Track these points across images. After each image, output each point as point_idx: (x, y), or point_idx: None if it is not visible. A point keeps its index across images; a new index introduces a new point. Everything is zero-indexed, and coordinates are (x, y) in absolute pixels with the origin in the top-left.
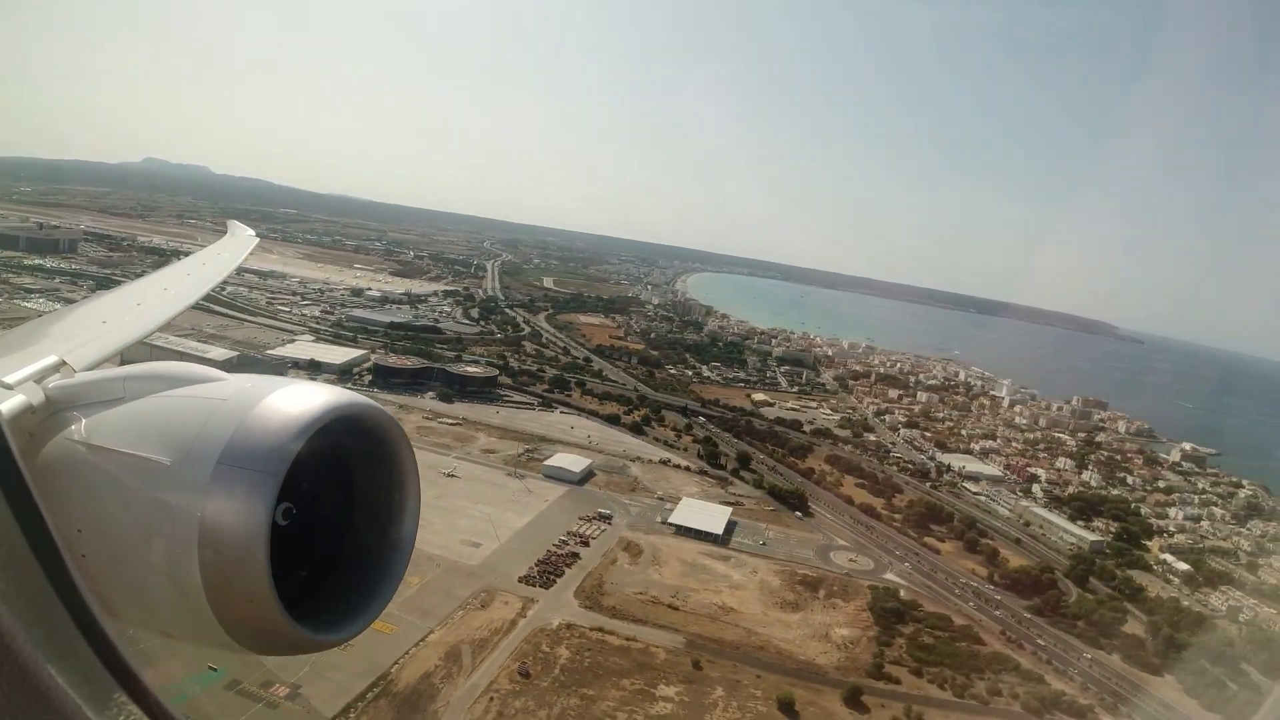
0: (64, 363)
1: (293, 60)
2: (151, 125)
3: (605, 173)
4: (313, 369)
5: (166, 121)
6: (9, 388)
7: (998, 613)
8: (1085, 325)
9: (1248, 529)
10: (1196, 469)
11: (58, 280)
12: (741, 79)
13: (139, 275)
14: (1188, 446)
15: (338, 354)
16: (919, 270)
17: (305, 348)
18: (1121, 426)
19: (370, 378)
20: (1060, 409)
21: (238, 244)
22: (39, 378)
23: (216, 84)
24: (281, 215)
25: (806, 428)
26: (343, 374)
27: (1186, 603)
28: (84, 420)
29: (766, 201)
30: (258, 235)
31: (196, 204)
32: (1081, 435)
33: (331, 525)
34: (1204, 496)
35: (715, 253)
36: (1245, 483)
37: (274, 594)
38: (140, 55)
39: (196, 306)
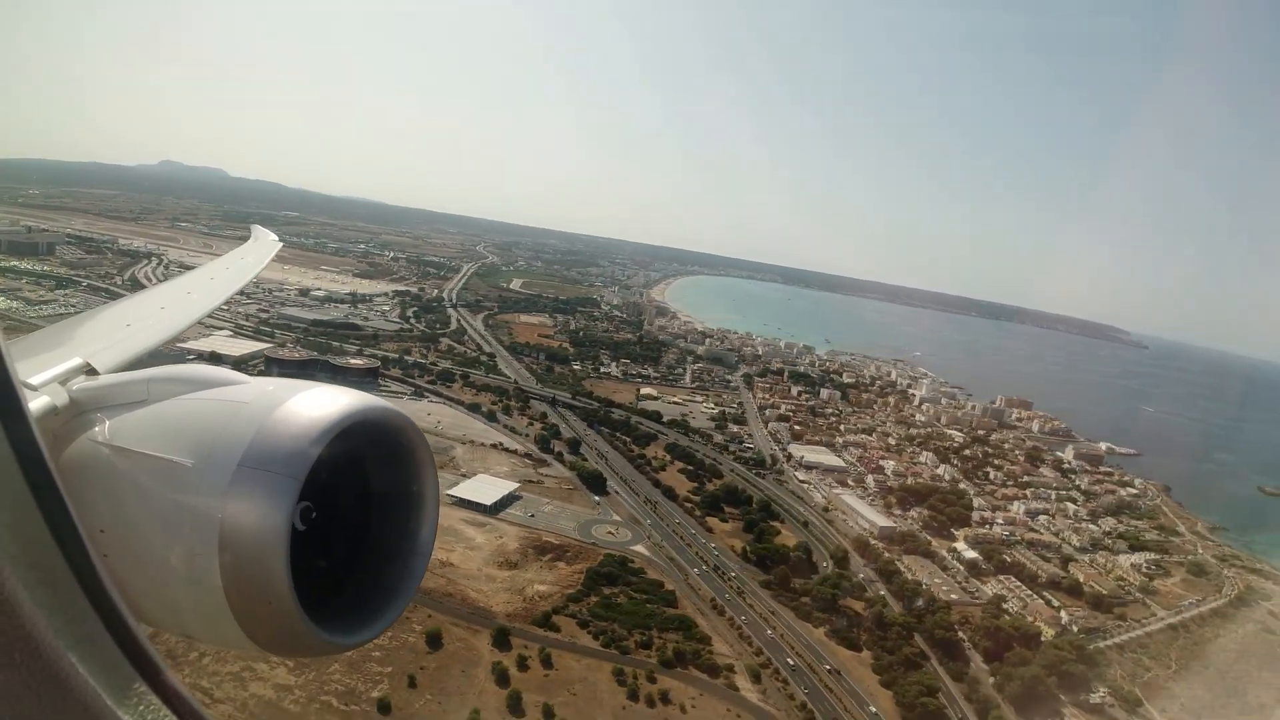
0: (88, 365)
1: (312, 65)
2: (171, 129)
3: (617, 177)
4: (213, 360)
5: (186, 125)
6: (34, 389)
7: (721, 584)
8: (1094, 330)
9: (1097, 525)
10: (1088, 467)
11: (23, 281)
12: (750, 84)
13: (103, 276)
14: (1102, 446)
15: (240, 347)
16: (929, 275)
17: (214, 341)
18: (1035, 426)
19: (262, 368)
20: (973, 407)
21: (261, 249)
22: (63, 379)
23: (236, 88)
24: (281, 218)
25: (668, 419)
26: (238, 364)
27: (947, 589)
28: (107, 422)
29: (773, 206)
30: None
31: (200, 207)
32: (980, 432)
33: (350, 527)
34: (1066, 494)
35: (722, 255)
36: (1139, 483)
37: (294, 596)
38: (162, 60)
39: (121, 300)
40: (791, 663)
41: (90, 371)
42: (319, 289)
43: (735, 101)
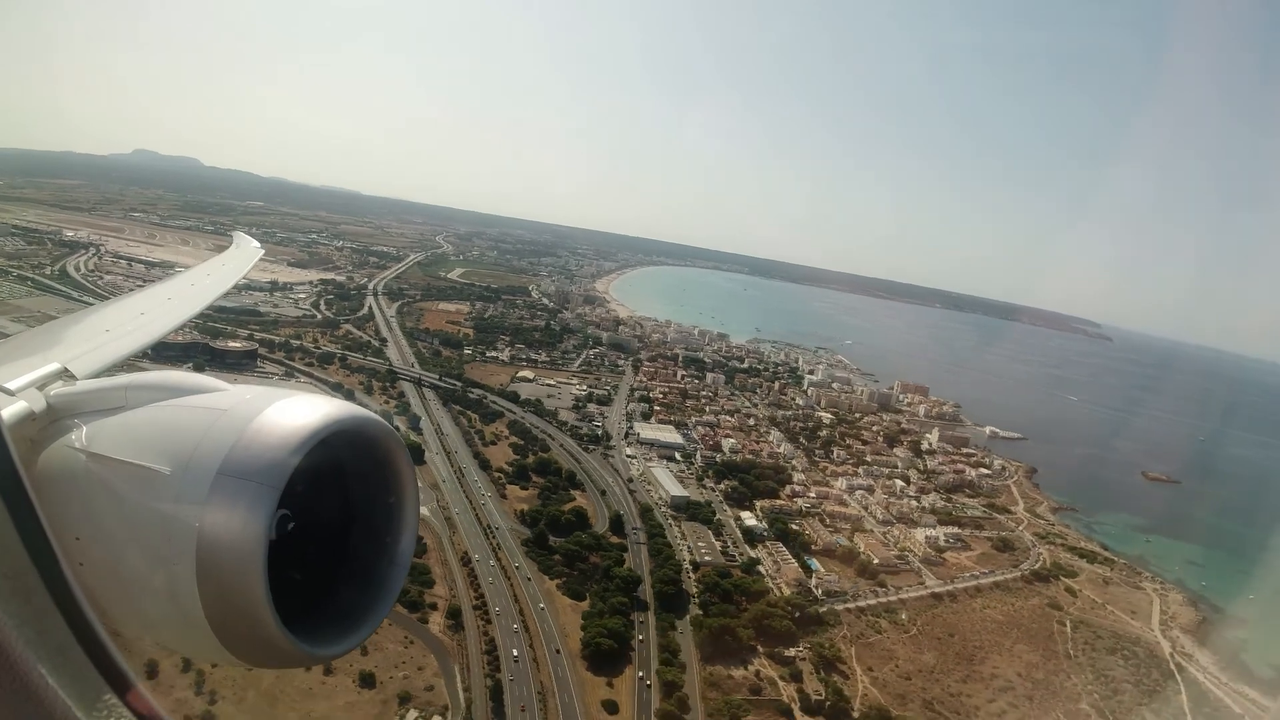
0: (67, 370)
1: (294, 56)
2: (148, 119)
3: (593, 169)
4: None
5: (164, 115)
6: (11, 394)
7: (484, 541)
8: (1062, 323)
9: (919, 501)
10: (949, 449)
11: None
12: (735, 80)
13: (35, 267)
14: (987, 430)
15: None
16: (900, 267)
17: None
18: (922, 410)
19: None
20: (863, 392)
21: (242, 255)
22: (41, 385)
23: (215, 79)
24: (243, 208)
25: (530, 399)
26: None
27: (706, 551)
28: (85, 428)
29: (748, 198)
30: (202, 230)
31: (163, 197)
32: (856, 415)
33: (329, 538)
34: (901, 472)
35: (695, 246)
36: (998, 464)
37: (270, 607)
38: (139, 48)
39: (45, 290)
40: (511, 608)
41: (68, 377)
42: (240, 278)
43: (715, 94)
